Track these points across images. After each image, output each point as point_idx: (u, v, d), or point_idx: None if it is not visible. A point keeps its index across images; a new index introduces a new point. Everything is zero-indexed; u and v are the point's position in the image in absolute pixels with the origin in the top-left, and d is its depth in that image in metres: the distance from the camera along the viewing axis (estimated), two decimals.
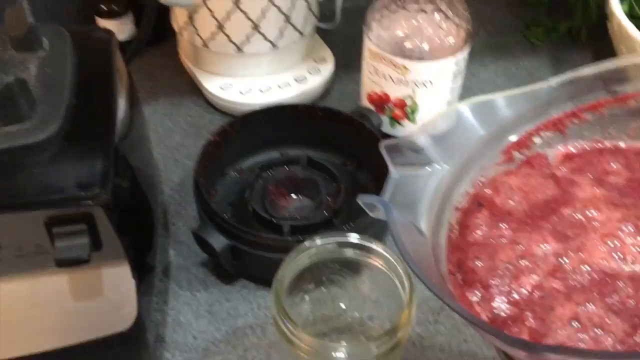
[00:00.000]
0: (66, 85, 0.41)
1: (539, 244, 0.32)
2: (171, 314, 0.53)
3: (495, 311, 0.30)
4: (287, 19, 0.68)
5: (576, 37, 0.83)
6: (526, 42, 0.83)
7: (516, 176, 0.36)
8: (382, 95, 0.64)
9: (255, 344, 0.52)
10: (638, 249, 0.31)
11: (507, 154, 0.37)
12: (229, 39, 0.68)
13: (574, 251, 0.31)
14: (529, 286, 0.30)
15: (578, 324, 0.28)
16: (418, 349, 0.51)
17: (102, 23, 0.74)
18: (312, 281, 0.47)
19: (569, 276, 0.30)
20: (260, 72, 0.72)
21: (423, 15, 0.60)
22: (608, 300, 0.29)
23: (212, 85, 0.71)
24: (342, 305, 0.50)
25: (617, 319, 0.28)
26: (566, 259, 0.31)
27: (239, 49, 0.69)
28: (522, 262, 0.31)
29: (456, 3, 0.60)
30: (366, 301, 0.50)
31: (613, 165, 0.35)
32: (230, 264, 0.54)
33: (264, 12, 0.67)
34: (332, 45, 0.77)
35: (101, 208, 0.36)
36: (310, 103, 0.71)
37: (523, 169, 0.37)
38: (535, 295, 0.30)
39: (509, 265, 0.31)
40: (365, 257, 0.45)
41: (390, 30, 0.61)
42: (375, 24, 0.62)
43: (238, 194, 0.61)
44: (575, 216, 0.33)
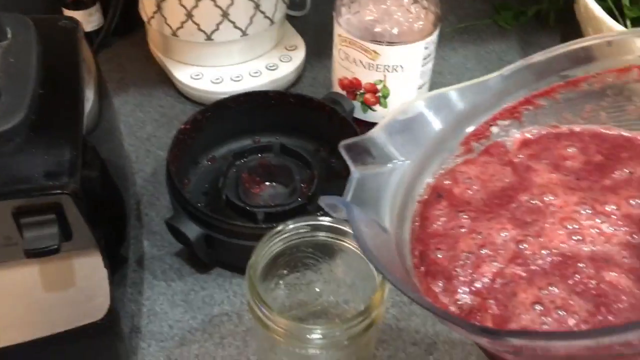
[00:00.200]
0: (31, 74, 0.40)
1: (498, 231, 0.32)
2: (146, 304, 0.53)
3: (459, 302, 0.30)
4: (257, 7, 0.68)
5: (544, 20, 0.84)
6: (495, 26, 0.84)
7: (475, 165, 0.36)
8: (353, 81, 0.64)
9: (232, 331, 0.52)
10: (596, 230, 0.31)
11: (466, 144, 0.37)
12: (198, 27, 0.68)
13: (533, 236, 0.32)
14: (490, 274, 0.30)
15: (541, 307, 0.28)
16: (394, 331, 0.52)
17: (69, 14, 0.73)
18: (287, 266, 0.47)
19: (529, 261, 0.31)
20: (231, 61, 0.71)
21: None
22: (570, 282, 0.29)
23: (183, 74, 0.71)
24: (317, 290, 0.50)
25: (580, 300, 0.28)
26: (526, 245, 0.31)
27: (209, 37, 0.68)
28: (482, 250, 0.31)
29: None
30: (341, 285, 0.50)
31: (569, 150, 0.35)
32: (205, 253, 0.54)
33: (232, 0, 0.66)
34: (303, 32, 0.77)
35: (70, 197, 0.36)
36: (282, 90, 0.71)
37: (481, 157, 0.37)
38: (497, 282, 0.30)
39: (469, 255, 0.31)
40: (339, 240, 0.45)
41: (359, 14, 0.61)
42: (344, 9, 0.62)
43: (211, 182, 0.61)
44: (532, 202, 0.33)
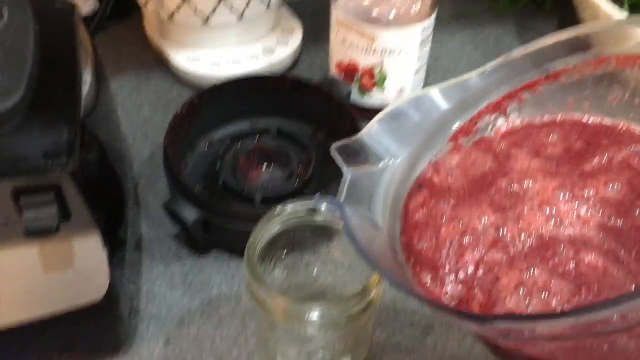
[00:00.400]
0: (28, 55, 0.40)
1: (478, 217, 0.33)
2: (145, 286, 0.53)
3: (447, 293, 0.31)
4: None
5: (542, 5, 0.84)
6: (493, 10, 0.84)
7: (458, 153, 0.37)
8: (350, 65, 0.64)
9: (231, 312, 0.52)
10: (575, 214, 0.32)
11: (455, 140, 0.37)
12: (194, 11, 0.67)
13: (512, 221, 0.32)
14: (473, 263, 0.31)
15: (524, 291, 0.29)
16: (391, 312, 0.52)
17: None
18: (285, 249, 0.48)
19: (509, 246, 0.31)
20: (228, 44, 0.71)
21: None
22: (550, 264, 0.30)
23: (180, 58, 0.71)
24: (315, 272, 0.50)
25: (561, 281, 0.29)
26: (505, 230, 0.32)
27: (205, 21, 0.68)
28: (464, 238, 0.32)
29: None
30: (339, 267, 0.50)
31: (551, 138, 0.36)
32: (203, 236, 0.54)
33: None
34: (301, 16, 0.77)
35: (69, 177, 0.36)
36: (280, 74, 0.71)
37: (465, 148, 0.37)
38: (480, 271, 0.31)
39: (452, 243, 0.32)
40: (337, 223, 0.45)
41: None
42: None
43: (209, 166, 0.61)
44: (511, 187, 0.34)
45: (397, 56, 0.62)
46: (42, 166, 0.36)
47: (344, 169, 0.33)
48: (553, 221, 0.32)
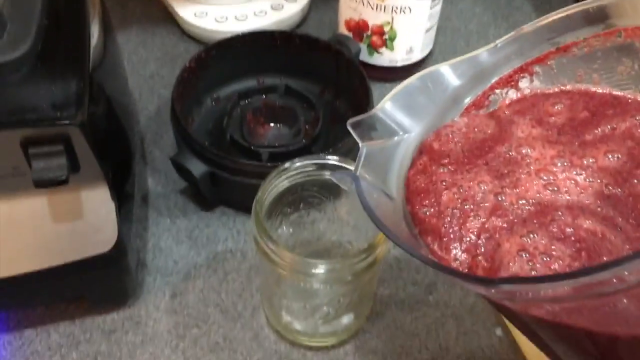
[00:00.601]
0: (36, 5, 0.40)
1: (477, 184, 0.33)
2: (151, 240, 0.54)
3: (456, 257, 0.31)
4: None
5: None
6: None
7: (462, 118, 0.37)
8: (360, 22, 0.63)
9: (236, 267, 0.53)
10: (572, 181, 0.32)
11: (467, 114, 0.38)
12: None
13: (509, 187, 0.32)
14: (475, 230, 0.31)
15: (526, 254, 0.30)
16: (394, 270, 0.53)
17: None
18: (291, 205, 0.48)
19: (508, 212, 0.32)
20: (236, 0, 0.70)
21: None
22: (549, 229, 0.30)
23: (187, 12, 0.70)
24: (321, 229, 0.51)
25: (561, 245, 0.29)
26: (503, 196, 0.32)
27: None
28: (465, 205, 0.32)
29: None
30: (344, 225, 0.51)
31: (556, 107, 0.36)
32: (210, 190, 0.54)
33: None
34: None
35: (77, 128, 0.36)
36: (288, 30, 0.70)
37: (471, 114, 0.38)
38: (482, 238, 0.31)
39: (455, 211, 0.32)
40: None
41: None
42: None
43: (215, 122, 0.61)
44: (509, 153, 0.34)
45: (407, 14, 0.61)
46: (51, 117, 0.36)
47: (360, 143, 0.34)
48: (550, 188, 0.32)
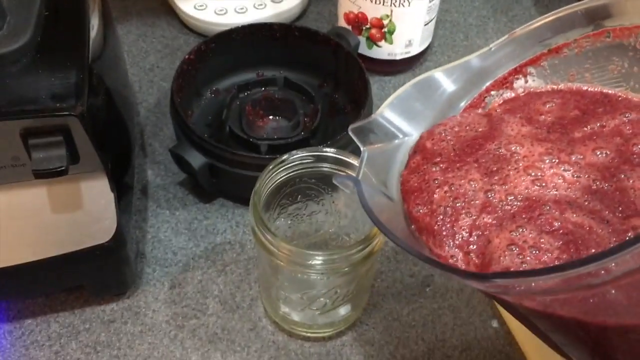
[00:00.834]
0: None
1: (467, 181, 0.34)
2: (150, 232, 0.54)
3: (452, 255, 0.32)
4: None
5: None
6: None
7: (455, 116, 0.38)
8: (359, 15, 0.63)
9: (234, 259, 0.53)
10: (560, 177, 0.33)
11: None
12: None
13: (498, 184, 0.33)
14: (467, 228, 0.32)
15: (516, 248, 0.30)
16: (392, 262, 0.53)
17: None
18: (289, 197, 0.48)
19: (498, 208, 0.32)
20: None
21: None
22: (537, 223, 0.31)
23: (187, 5, 0.70)
24: (319, 221, 0.51)
25: (550, 238, 0.30)
26: (493, 194, 0.33)
27: None
28: (457, 203, 0.33)
29: None
30: (342, 217, 0.51)
31: (547, 106, 0.37)
32: (209, 182, 0.54)
33: None
34: None
35: (77, 119, 0.36)
36: (287, 23, 0.70)
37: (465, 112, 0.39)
38: (473, 236, 0.32)
39: (446, 209, 0.33)
40: (343, 172, 0.46)
41: None
42: None
43: (214, 115, 0.61)
44: (499, 150, 0.35)
45: (406, 7, 0.61)
46: (51, 107, 0.36)
47: (362, 147, 0.35)
48: (538, 184, 0.32)
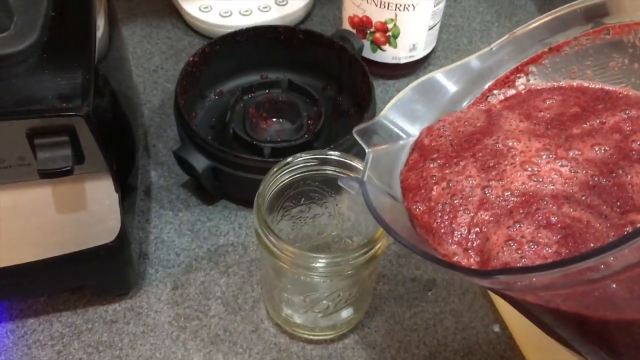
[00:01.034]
0: None
1: (465, 177, 0.34)
2: (153, 232, 0.54)
3: (448, 250, 0.32)
4: None
5: None
6: None
7: (455, 112, 0.38)
8: (363, 19, 0.64)
9: (237, 260, 0.53)
10: (557, 172, 0.33)
11: None
12: None
13: (495, 180, 0.33)
14: (465, 225, 0.32)
15: (514, 243, 0.30)
16: (394, 266, 0.53)
17: None
18: (293, 199, 0.48)
19: (495, 205, 0.32)
20: None
21: None
22: (535, 217, 0.31)
23: (192, 7, 0.70)
24: (322, 224, 0.51)
25: (548, 232, 0.30)
26: (490, 190, 0.33)
27: None
28: (455, 200, 0.33)
29: None
30: (345, 220, 0.51)
31: (547, 103, 0.37)
32: (212, 184, 0.54)
33: None
34: None
35: (83, 119, 0.36)
36: (292, 25, 0.70)
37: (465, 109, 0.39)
38: (472, 233, 0.32)
39: (444, 206, 0.33)
40: (346, 175, 0.46)
41: None
42: None
43: (218, 117, 0.61)
44: (496, 145, 0.35)
45: (411, 12, 0.61)
46: (57, 107, 0.36)
47: (366, 149, 0.35)
48: (535, 179, 0.32)
